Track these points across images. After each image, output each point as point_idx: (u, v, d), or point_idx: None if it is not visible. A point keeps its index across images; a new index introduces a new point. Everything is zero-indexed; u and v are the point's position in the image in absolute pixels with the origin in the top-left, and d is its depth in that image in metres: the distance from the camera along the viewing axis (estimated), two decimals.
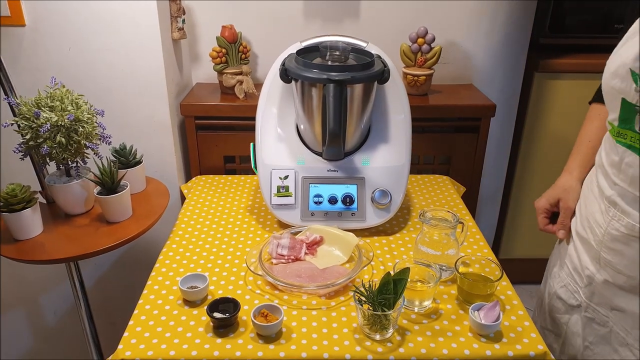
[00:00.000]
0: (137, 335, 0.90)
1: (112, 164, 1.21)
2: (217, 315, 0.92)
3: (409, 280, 0.89)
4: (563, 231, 1.05)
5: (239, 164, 1.64)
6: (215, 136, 1.58)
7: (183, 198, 1.49)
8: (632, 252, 0.84)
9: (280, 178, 1.21)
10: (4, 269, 1.62)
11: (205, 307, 0.92)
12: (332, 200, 1.20)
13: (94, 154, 1.20)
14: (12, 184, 1.12)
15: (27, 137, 1.11)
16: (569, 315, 1.02)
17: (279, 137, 1.25)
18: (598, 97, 1.02)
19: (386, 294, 0.87)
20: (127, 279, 1.69)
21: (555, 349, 1.06)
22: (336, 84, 1.07)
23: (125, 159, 1.32)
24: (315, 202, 1.20)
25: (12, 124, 1.12)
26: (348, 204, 1.20)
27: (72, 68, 1.39)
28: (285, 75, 1.15)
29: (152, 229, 1.23)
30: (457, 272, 0.99)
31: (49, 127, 1.10)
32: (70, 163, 1.19)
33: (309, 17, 1.65)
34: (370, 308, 0.88)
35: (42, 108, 1.11)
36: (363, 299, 0.89)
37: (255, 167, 1.25)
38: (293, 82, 1.17)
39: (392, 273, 0.90)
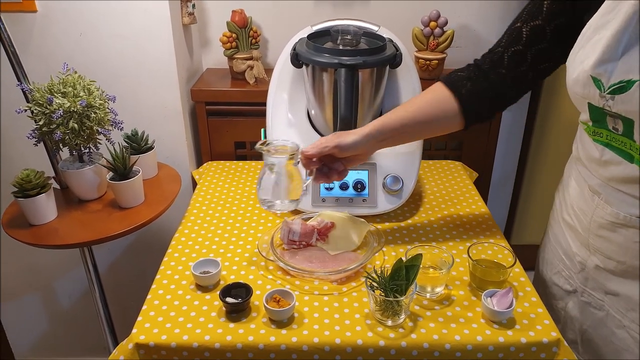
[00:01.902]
0: (151, 320, 0.91)
1: (124, 149, 1.21)
2: (229, 300, 0.92)
3: (421, 266, 0.89)
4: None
5: (250, 149, 1.64)
6: (226, 122, 1.58)
7: (194, 184, 1.50)
8: (620, 239, 0.86)
9: None
10: (20, 255, 1.65)
11: (218, 292, 0.93)
12: (343, 187, 1.20)
13: (106, 139, 1.20)
14: (27, 169, 1.13)
15: (40, 123, 1.11)
16: (566, 301, 1.02)
17: (290, 123, 1.25)
18: (447, 79, 0.98)
19: (398, 280, 0.87)
20: (140, 264, 1.71)
21: None
22: (348, 69, 1.05)
23: (137, 144, 1.33)
24: (327, 188, 1.20)
25: (25, 110, 1.12)
26: (359, 190, 1.19)
27: (82, 55, 1.39)
28: (296, 60, 1.14)
29: (164, 215, 1.24)
30: (470, 258, 0.98)
31: (61, 113, 1.10)
32: (83, 149, 1.20)
33: (319, 1, 1.63)
34: (382, 294, 0.88)
35: (55, 94, 1.11)
36: (375, 284, 0.89)
37: None
38: (304, 67, 1.16)
39: (404, 259, 0.90)
